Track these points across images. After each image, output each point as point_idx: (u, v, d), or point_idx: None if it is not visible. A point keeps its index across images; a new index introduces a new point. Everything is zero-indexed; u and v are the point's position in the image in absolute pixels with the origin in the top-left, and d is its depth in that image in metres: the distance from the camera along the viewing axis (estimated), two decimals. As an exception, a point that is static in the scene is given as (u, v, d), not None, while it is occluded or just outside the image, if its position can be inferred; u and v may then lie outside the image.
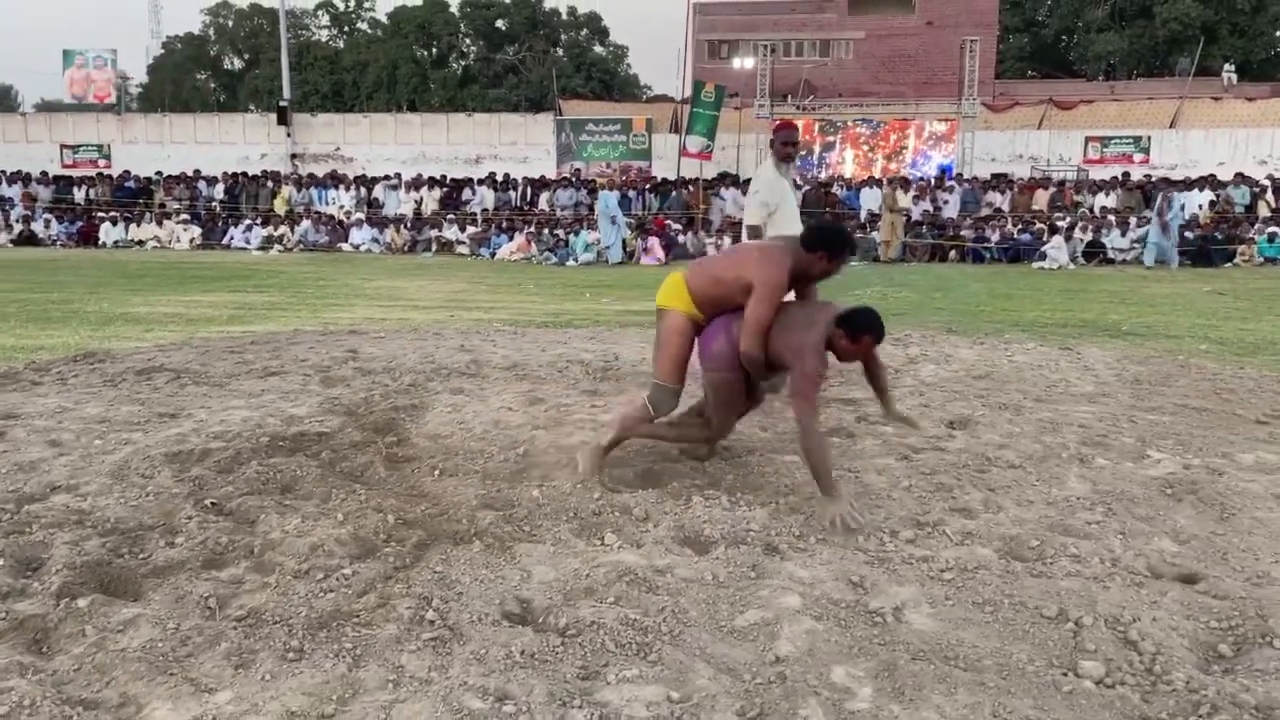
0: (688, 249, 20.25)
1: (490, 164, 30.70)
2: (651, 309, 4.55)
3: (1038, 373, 7.05)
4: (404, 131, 36.01)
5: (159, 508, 3.86)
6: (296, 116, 35.46)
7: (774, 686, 2.58)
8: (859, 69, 45.72)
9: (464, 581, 3.21)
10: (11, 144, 33.99)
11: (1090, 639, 2.84)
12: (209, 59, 65.53)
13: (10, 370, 6.88)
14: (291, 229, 21.84)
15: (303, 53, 59.09)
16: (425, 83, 57.68)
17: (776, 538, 3.66)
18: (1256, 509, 3.99)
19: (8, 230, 22.70)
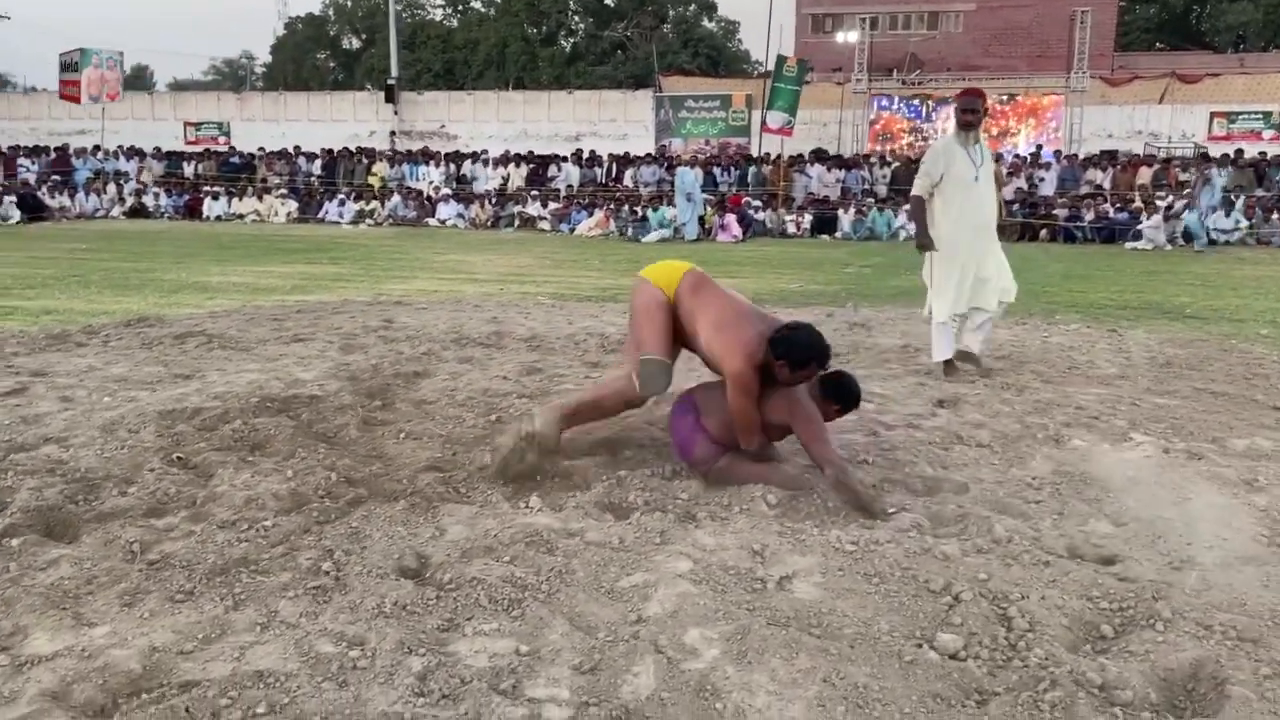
0: (766, 226, 20.12)
1: (589, 141, 30.92)
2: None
3: (1065, 354, 6.85)
4: (506, 109, 36.55)
5: (130, 460, 4.09)
6: (404, 95, 36.36)
7: (621, 644, 2.63)
8: (968, 42, 44.37)
9: (374, 537, 3.34)
10: (140, 120, 35.76)
11: (962, 614, 2.80)
12: (328, 38, 67.26)
13: (64, 332, 7.32)
14: (382, 204, 22.46)
15: (416, 32, 60.30)
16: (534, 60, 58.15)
17: (699, 507, 3.68)
18: (1218, 494, 3.85)
19: (121, 203, 23.90)
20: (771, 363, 3.79)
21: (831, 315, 8.62)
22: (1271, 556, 3.29)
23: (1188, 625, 2.76)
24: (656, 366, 3.88)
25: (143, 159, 26.19)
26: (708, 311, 3.90)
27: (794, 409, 3.77)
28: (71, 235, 18.44)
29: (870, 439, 4.63)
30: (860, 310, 8.99)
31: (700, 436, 3.91)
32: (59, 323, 7.93)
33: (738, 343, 3.80)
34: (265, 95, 42.70)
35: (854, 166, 22.74)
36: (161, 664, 2.50)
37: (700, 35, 57.54)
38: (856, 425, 4.83)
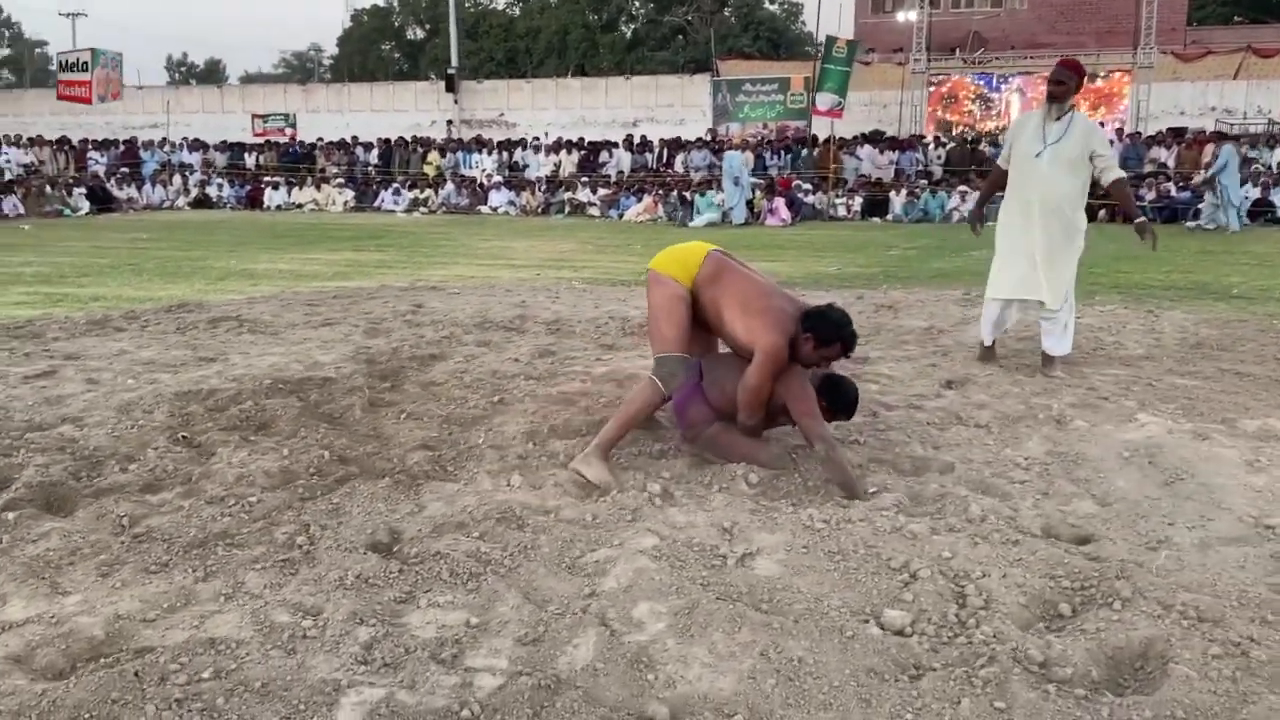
0: (815, 209, 19.95)
1: (646, 126, 30.88)
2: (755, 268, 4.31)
3: (1093, 335, 6.71)
4: (564, 96, 36.74)
5: (138, 439, 4.24)
6: (464, 84, 36.75)
7: (568, 617, 2.68)
8: (1033, 19, 43.28)
9: (353, 513, 3.42)
10: (210, 114, 36.74)
11: (916, 591, 2.80)
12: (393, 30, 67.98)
13: (106, 317, 7.57)
14: (436, 192, 22.73)
15: (479, 21, 60.72)
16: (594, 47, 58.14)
17: (679, 485, 3.71)
18: (1214, 475, 3.76)
19: (185, 194, 24.52)
20: (798, 337, 3.78)
21: (862, 298, 8.55)
22: (1255, 537, 3.22)
23: (1147, 605, 2.72)
24: (675, 363, 3.85)
25: (206, 151, 26.80)
26: (732, 295, 3.86)
27: (790, 384, 3.77)
28: (136, 225, 18.97)
29: (868, 419, 4.60)
30: (890, 292, 8.89)
31: (698, 398, 3.91)
32: (104, 308, 8.19)
33: (770, 318, 3.77)
34: (329, 87, 43.48)
35: (908, 147, 22.40)
36: (124, 631, 2.61)
37: (761, 18, 57.05)
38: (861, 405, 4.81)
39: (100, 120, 35.79)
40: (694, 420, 3.93)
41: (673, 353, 3.86)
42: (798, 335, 3.77)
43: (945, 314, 7.58)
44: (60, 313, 7.95)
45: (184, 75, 74.55)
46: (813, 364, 3.88)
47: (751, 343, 3.78)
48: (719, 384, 3.87)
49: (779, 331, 3.74)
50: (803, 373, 3.81)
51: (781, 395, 3.79)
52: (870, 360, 5.83)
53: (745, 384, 3.78)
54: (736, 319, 3.83)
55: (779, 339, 3.73)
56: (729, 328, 3.88)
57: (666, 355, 3.87)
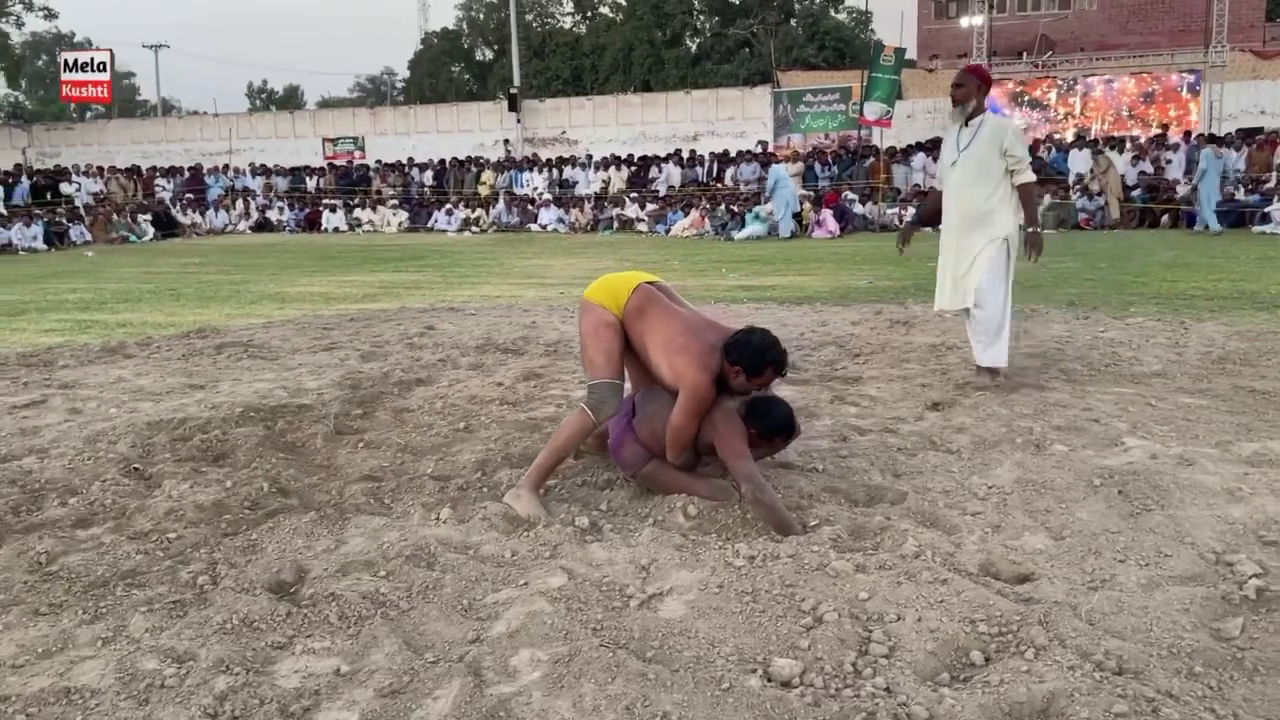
0: (867, 220, 19.60)
1: (707, 140, 30.76)
2: (772, 282, 4.25)
3: (1110, 350, 6.40)
4: (625, 113, 36.81)
5: (92, 471, 4.24)
6: (526, 103, 37.07)
7: (441, 665, 2.56)
8: (1103, 20, 42.28)
9: (268, 550, 3.36)
10: (283, 139, 37.66)
11: (815, 637, 2.63)
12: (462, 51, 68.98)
13: (121, 344, 7.69)
14: (488, 211, 22.90)
15: (545, 40, 61.35)
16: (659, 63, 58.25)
17: (612, 518, 3.60)
18: (1188, 505, 3.51)
19: (247, 218, 25.08)
20: (727, 370, 3.66)
21: (880, 312, 8.31)
22: (1211, 575, 2.98)
23: (1064, 653, 2.51)
24: (606, 390, 3.73)
25: (269, 176, 27.40)
26: (656, 332, 3.75)
27: (716, 424, 3.61)
28: (194, 250, 19.44)
29: (838, 444, 4.42)
30: (911, 306, 8.62)
31: (629, 438, 3.81)
32: (128, 334, 8.33)
33: (692, 357, 3.64)
34: (396, 109, 44.27)
35: (963, 155, 21.83)
36: (-12, 677, 2.56)
37: (827, 28, 56.64)
38: (828, 431, 4.63)
39: (179, 148, 36.99)
40: (628, 460, 3.82)
41: (604, 379, 3.74)
42: (725, 368, 3.64)
43: (960, 330, 7.28)
44: (84, 340, 8.10)
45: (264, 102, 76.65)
46: (749, 392, 3.72)
47: (676, 381, 3.65)
48: (649, 421, 3.74)
49: (701, 369, 3.60)
50: (730, 411, 3.63)
51: (708, 434, 3.63)
52: (860, 381, 5.63)
53: (670, 423, 3.65)
54: (661, 358, 3.71)
55: (701, 377, 3.60)
56: (655, 365, 3.78)
57: (598, 382, 3.75)
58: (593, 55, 59.06)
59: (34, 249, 19.91)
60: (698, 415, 3.62)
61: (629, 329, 3.80)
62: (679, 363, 3.63)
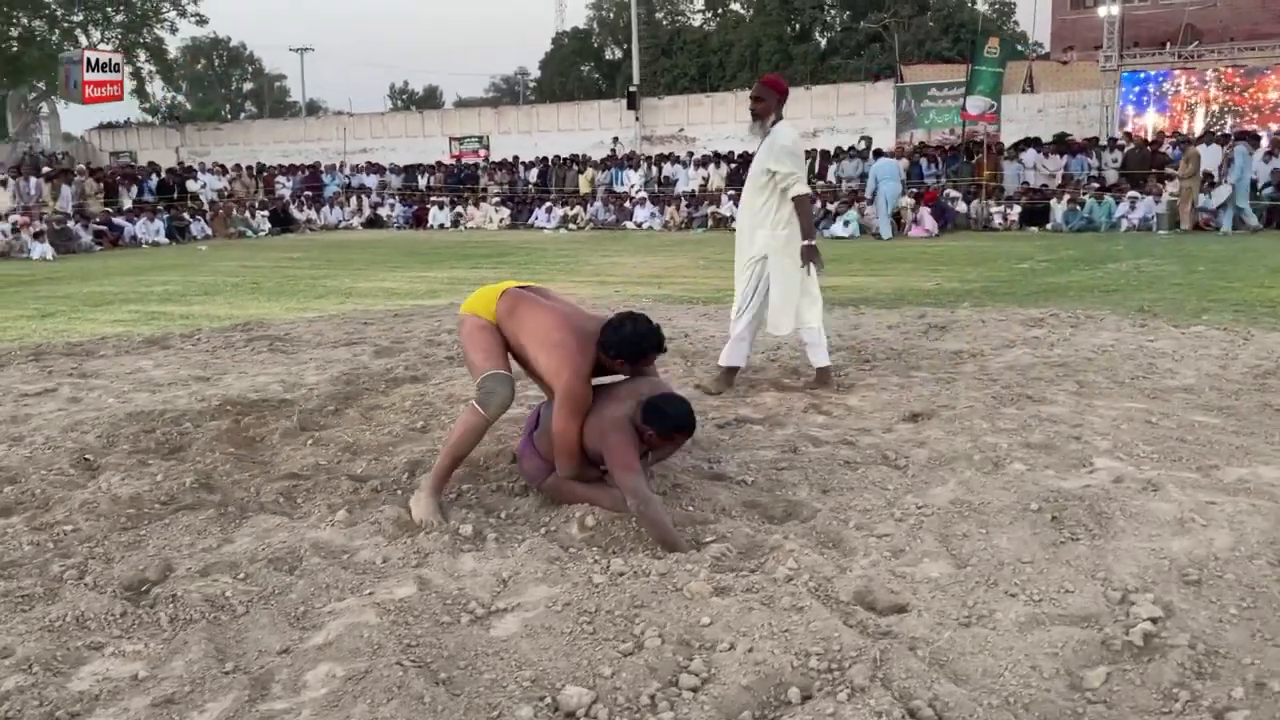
0: (969, 219, 18.84)
1: (827, 136, 30.17)
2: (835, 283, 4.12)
3: (1149, 361, 5.93)
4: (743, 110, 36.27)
5: (47, 460, 4.35)
6: (645, 100, 37.23)
7: (232, 676, 2.49)
8: (1256, 7, 39.61)
9: (149, 547, 3.36)
10: (413, 138, 38.80)
11: (625, 664, 2.47)
12: (592, 50, 69.64)
13: (164, 336, 7.95)
14: (585, 209, 22.98)
15: (674, 38, 61.41)
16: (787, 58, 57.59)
17: (506, 525, 3.49)
18: (1123, 535, 3.19)
19: (359, 214, 25.83)
20: (607, 362, 3.58)
21: (924, 316, 7.93)
22: (1104, 616, 2.68)
23: (881, 697, 2.28)
24: (492, 381, 3.60)
25: (383, 174, 28.18)
26: (529, 332, 3.66)
27: (604, 435, 3.45)
28: (300, 245, 20.10)
29: (785, 456, 4.19)
30: (958, 311, 8.20)
31: (529, 451, 3.70)
32: (186, 326, 8.62)
33: (565, 355, 3.55)
34: (520, 109, 45.04)
35: (1079, 151, 20.79)
36: None
37: (964, 20, 54.98)
38: (782, 441, 4.40)
39: (317, 147, 38.47)
40: (529, 473, 3.72)
41: (489, 370, 3.64)
42: (604, 359, 3.58)
43: (997, 336, 6.90)
44: (144, 330, 8.41)
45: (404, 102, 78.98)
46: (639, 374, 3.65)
47: (552, 380, 3.55)
48: (547, 433, 3.61)
49: (573, 370, 3.50)
50: (620, 422, 3.45)
51: (597, 446, 3.47)
52: (852, 389, 5.35)
53: (553, 432, 3.52)
54: (538, 352, 3.63)
55: (573, 379, 3.49)
56: (533, 364, 3.70)
57: (484, 375, 3.64)
58: (720, 52, 58.83)
59: (156, 243, 20.94)
60: (577, 416, 3.49)
61: (505, 333, 3.72)
62: (552, 361, 3.55)
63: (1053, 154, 20.67)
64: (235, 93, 78.43)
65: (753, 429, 4.63)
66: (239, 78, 78.90)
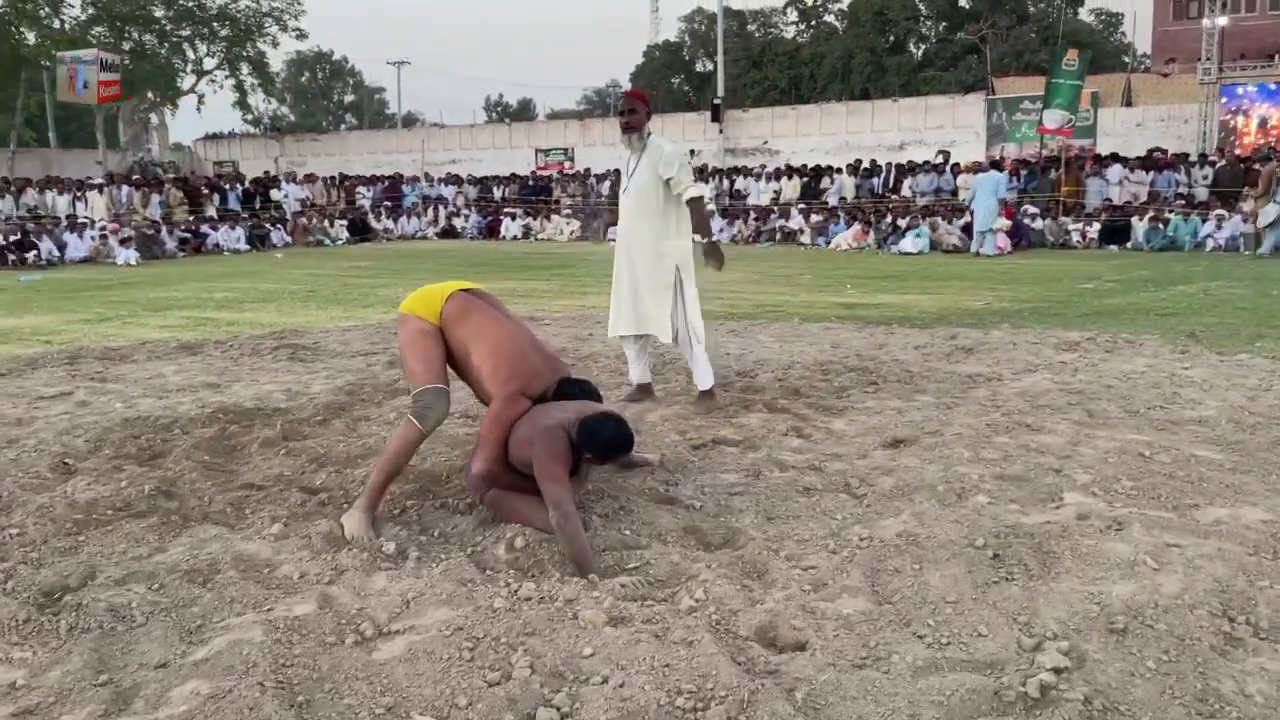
0: (1045, 237, 18.28)
1: (914, 149, 29.65)
2: (883, 300, 4.13)
3: (1173, 390, 5.64)
4: (829, 122, 36.16)
5: (29, 463, 4.46)
6: (729, 112, 37.15)
7: (101, 689, 2.49)
8: (1373, 18, 37.82)
9: (83, 554, 3.40)
10: (500, 149, 39.41)
11: (484, 694, 2.40)
12: (683, 63, 69.80)
13: (200, 342, 8.15)
14: (653, 220, 22.96)
15: (765, 50, 61.22)
16: (879, 70, 56.91)
17: (427, 546, 3.45)
18: (1063, 577, 3.02)
19: (435, 225, 26.25)
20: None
21: (955, 338, 7.67)
22: (1008, 663, 2.53)
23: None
24: (430, 395, 3.62)
25: (460, 185, 28.60)
26: (482, 340, 3.70)
27: (536, 443, 3.41)
28: (373, 254, 20.49)
29: (745, 480, 4.07)
30: (992, 332, 7.91)
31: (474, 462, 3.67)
32: (230, 333, 8.84)
33: (511, 373, 3.64)
34: (605, 121, 45.28)
35: (1166, 167, 20.00)
36: None
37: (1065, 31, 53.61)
38: (748, 465, 4.28)
39: (408, 158, 39.28)
40: (473, 483, 3.67)
41: (426, 385, 3.63)
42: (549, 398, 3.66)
43: (1022, 360, 6.64)
44: (188, 336, 8.63)
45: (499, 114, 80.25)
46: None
47: (493, 388, 3.59)
48: None
49: (517, 386, 3.59)
50: (552, 431, 3.41)
51: (526, 453, 3.42)
52: (842, 412, 5.19)
53: (481, 430, 3.60)
54: (484, 361, 3.65)
55: (516, 392, 3.57)
56: (474, 370, 3.70)
57: (421, 389, 3.63)
58: (811, 64, 58.40)
59: (237, 250, 21.58)
60: (506, 425, 3.55)
61: (448, 336, 3.72)
62: (500, 372, 3.61)
63: (1139, 169, 19.93)
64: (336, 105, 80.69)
65: (726, 451, 4.52)
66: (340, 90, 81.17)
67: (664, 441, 4.70)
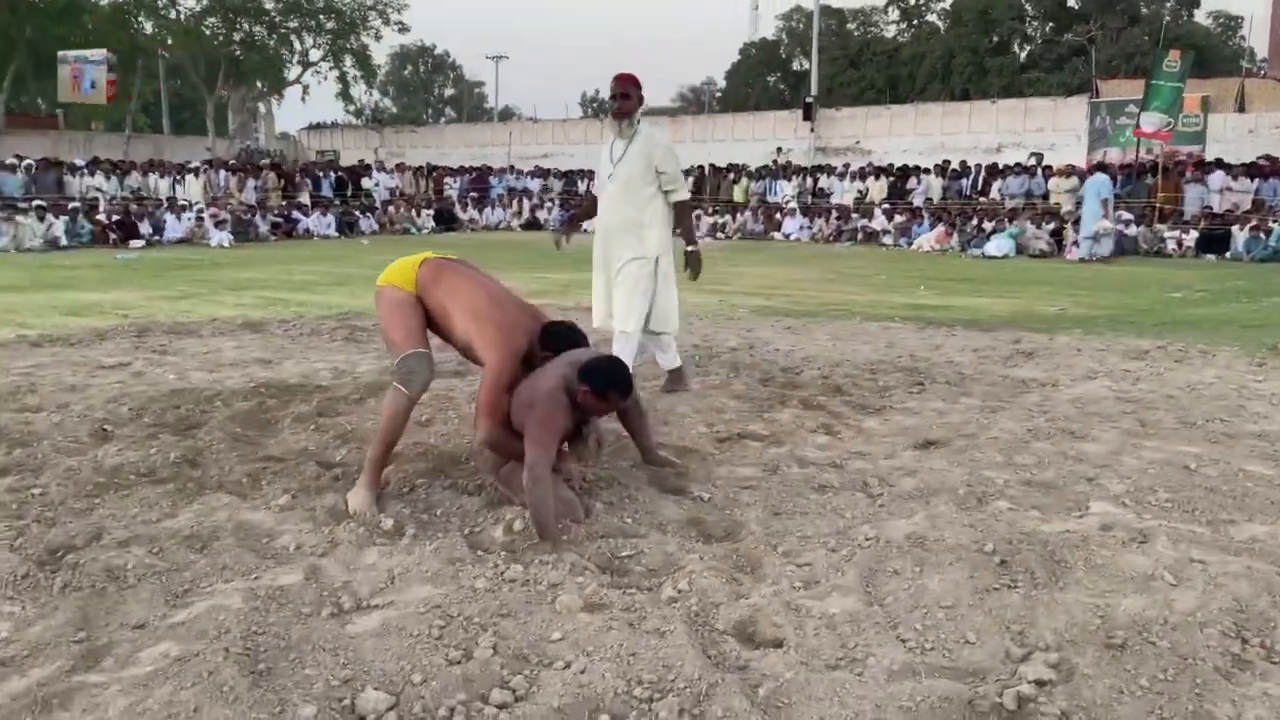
0: (1139, 244, 17.61)
1: (1011, 152, 28.92)
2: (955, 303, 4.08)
3: (1238, 404, 5.36)
4: (923, 122, 35.47)
5: (75, 428, 4.59)
6: (822, 111, 36.70)
7: (75, 645, 2.54)
8: None
9: (95, 516, 3.48)
10: (591, 145, 39.63)
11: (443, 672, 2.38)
12: (779, 61, 69.25)
13: (263, 321, 8.34)
14: (734, 218, 22.80)
15: (863, 49, 60.38)
16: (981, 71, 55.62)
17: (426, 524, 3.44)
18: (1071, 588, 2.87)
19: (519, 216, 26.49)
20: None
21: (1019, 341, 7.43)
22: (993, 673, 2.40)
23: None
24: (412, 360, 3.61)
25: (546, 178, 28.80)
26: (459, 302, 3.66)
27: (531, 407, 3.41)
28: (456, 243, 20.75)
29: (762, 475, 3.98)
30: (1056, 338, 7.63)
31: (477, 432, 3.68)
32: (298, 313, 9.04)
33: (497, 334, 3.59)
34: (696, 118, 45.26)
35: (1271, 175, 19.10)
36: None
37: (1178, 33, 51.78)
38: (769, 460, 4.19)
39: (500, 151, 39.80)
40: (484, 461, 3.70)
41: (408, 350, 3.62)
42: (534, 348, 3.61)
43: (1083, 366, 6.38)
44: (257, 315, 8.85)
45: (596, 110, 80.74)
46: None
47: (483, 351, 3.57)
48: None
49: (506, 347, 3.54)
50: (551, 396, 3.40)
51: (523, 417, 3.41)
52: (879, 411, 5.05)
53: (478, 397, 3.56)
54: (468, 324, 3.62)
55: (506, 355, 3.53)
56: (458, 333, 3.67)
57: (403, 355, 3.62)
58: (911, 64, 57.39)
59: (326, 235, 22.09)
60: (503, 389, 3.53)
61: (427, 300, 3.70)
62: (485, 335, 3.58)
63: (1242, 176, 19.07)
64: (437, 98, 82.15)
65: (749, 445, 4.42)
66: (440, 84, 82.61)
67: (690, 433, 4.62)
